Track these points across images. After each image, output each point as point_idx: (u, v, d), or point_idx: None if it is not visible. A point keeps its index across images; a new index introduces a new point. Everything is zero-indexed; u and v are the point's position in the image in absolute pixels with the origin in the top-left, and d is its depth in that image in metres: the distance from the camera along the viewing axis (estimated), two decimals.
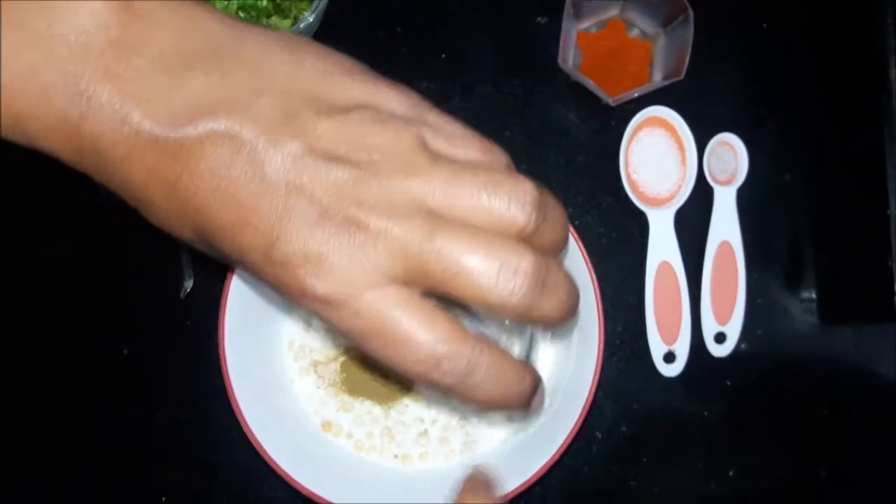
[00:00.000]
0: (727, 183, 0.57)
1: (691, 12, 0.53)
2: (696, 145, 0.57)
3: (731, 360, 0.56)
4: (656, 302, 0.55)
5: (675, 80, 0.53)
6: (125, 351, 0.56)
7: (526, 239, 0.25)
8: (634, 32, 0.58)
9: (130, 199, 0.26)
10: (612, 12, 0.58)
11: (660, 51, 0.57)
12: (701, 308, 0.56)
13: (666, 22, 0.56)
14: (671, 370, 0.55)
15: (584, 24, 0.58)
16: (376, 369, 0.53)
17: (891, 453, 0.56)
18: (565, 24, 0.54)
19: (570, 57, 0.56)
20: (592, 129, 0.59)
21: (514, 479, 0.47)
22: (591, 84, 0.54)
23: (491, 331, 0.41)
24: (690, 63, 0.53)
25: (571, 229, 0.49)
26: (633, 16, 0.58)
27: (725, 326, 0.56)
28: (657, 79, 0.56)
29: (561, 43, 0.54)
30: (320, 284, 0.24)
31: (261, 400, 0.50)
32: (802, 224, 0.59)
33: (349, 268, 0.24)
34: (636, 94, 0.54)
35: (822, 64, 0.60)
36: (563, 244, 0.28)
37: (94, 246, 0.58)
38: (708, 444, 0.56)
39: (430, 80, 0.59)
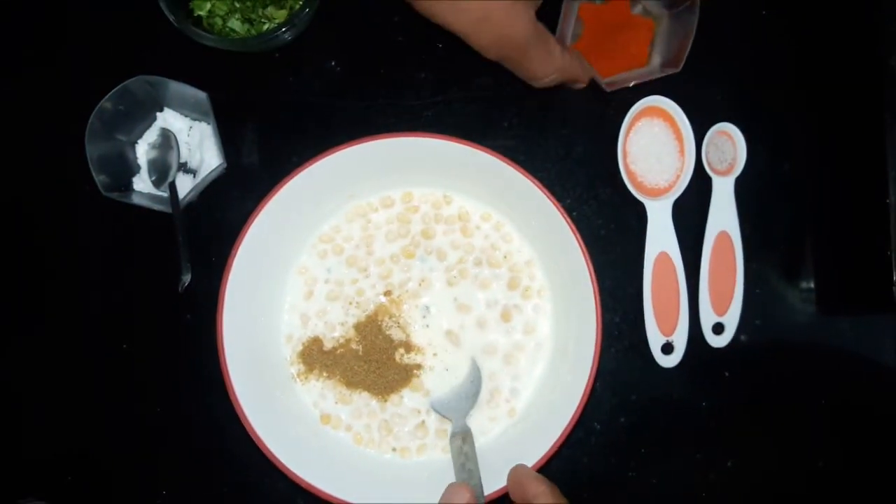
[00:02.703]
0: (725, 173, 0.57)
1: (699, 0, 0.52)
2: (695, 135, 0.56)
3: (730, 350, 0.56)
4: (654, 293, 0.55)
5: (671, 72, 0.53)
6: (124, 345, 0.56)
7: None
8: (638, 10, 0.57)
9: None
10: None
11: (662, 33, 0.56)
12: (699, 299, 0.56)
13: (672, 4, 0.55)
14: (669, 361, 0.55)
15: None
16: (373, 362, 0.53)
17: (889, 443, 0.56)
18: None
19: (569, 32, 0.54)
20: (591, 120, 0.58)
21: None
22: (591, 69, 0.53)
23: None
24: (689, 52, 0.52)
25: (569, 220, 0.49)
26: None
27: (723, 317, 0.56)
28: (655, 63, 0.56)
29: (562, 15, 0.53)
30: None
31: (260, 393, 0.50)
32: (801, 214, 0.59)
33: None
34: (632, 84, 0.54)
35: (822, 53, 0.60)
36: None
37: (93, 242, 0.58)
38: (706, 435, 0.56)
39: (427, 69, 0.58)
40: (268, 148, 0.58)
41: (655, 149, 0.57)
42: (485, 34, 0.44)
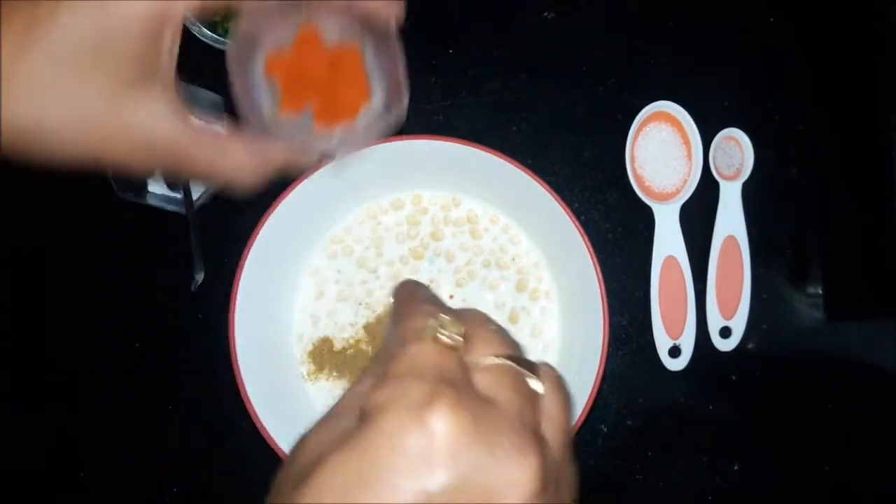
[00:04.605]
0: (733, 178, 0.57)
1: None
2: (702, 140, 0.57)
3: (737, 354, 0.56)
4: (662, 296, 0.56)
5: (398, 112, 0.40)
6: (136, 344, 0.57)
7: None
8: (334, 38, 0.39)
9: None
10: (294, 17, 0.37)
11: (371, 58, 0.40)
12: (706, 303, 0.56)
13: (362, 20, 0.38)
14: (676, 364, 0.56)
15: (269, 46, 0.38)
16: None
17: (895, 448, 0.56)
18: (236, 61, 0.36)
19: (252, 106, 0.37)
20: (599, 124, 0.59)
21: None
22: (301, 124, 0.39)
23: None
24: (696, 57, 0.52)
25: (577, 223, 0.49)
26: (319, 15, 0.38)
27: (731, 321, 0.56)
28: (378, 97, 0.40)
29: (237, 90, 0.36)
30: None
31: (271, 392, 0.50)
32: (808, 219, 0.59)
33: None
34: (364, 139, 0.39)
35: (829, 58, 0.60)
36: None
37: (106, 242, 0.58)
38: (713, 438, 0.56)
39: (437, 74, 0.59)
40: None
41: (663, 153, 0.57)
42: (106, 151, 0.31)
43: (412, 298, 0.28)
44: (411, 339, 0.24)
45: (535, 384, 0.24)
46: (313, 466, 0.21)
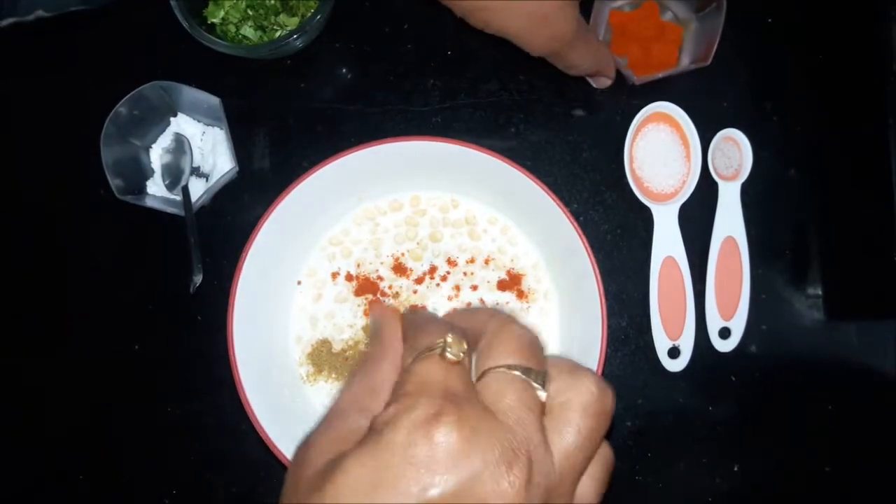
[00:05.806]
0: (731, 178, 0.57)
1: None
2: (701, 141, 0.57)
3: (736, 355, 0.56)
4: (661, 297, 0.56)
5: (701, 65, 0.54)
6: (136, 346, 0.57)
7: None
8: (668, 17, 0.58)
9: None
10: None
11: (690, 36, 0.57)
12: (705, 303, 0.56)
13: (699, 7, 0.56)
14: (676, 365, 0.56)
15: (618, 3, 0.58)
16: None
17: (894, 449, 0.56)
18: (597, 2, 0.55)
19: (600, 33, 0.56)
20: (597, 125, 0.59)
21: None
22: (619, 61, 0.55)
23: None
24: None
25: (575, 224, 0.49)
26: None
27: (730, 322, 0.56)
28: (685, 63, 0.57)
29: (591, 18, 0.55)
30: None
31: (269, 393, 0.50)
32: (807, 219, 0.59)
33: None
34: (660, 75, 0.55)
35: (827, 58, 0.60)
36: None
37: (106, 244, 0.59)
38: (712, 439, 0.56)
39: (435, 76, 0.59)
40: (278, 153, 0.58)
41: (662, 154, 0.57)
42: (540, 34, 0.47)
43: (416, 319, 0.32)
44: (419, 357, 0.27)
45: (541, 393, 0.27)
46: (331, 470, 0.24)
